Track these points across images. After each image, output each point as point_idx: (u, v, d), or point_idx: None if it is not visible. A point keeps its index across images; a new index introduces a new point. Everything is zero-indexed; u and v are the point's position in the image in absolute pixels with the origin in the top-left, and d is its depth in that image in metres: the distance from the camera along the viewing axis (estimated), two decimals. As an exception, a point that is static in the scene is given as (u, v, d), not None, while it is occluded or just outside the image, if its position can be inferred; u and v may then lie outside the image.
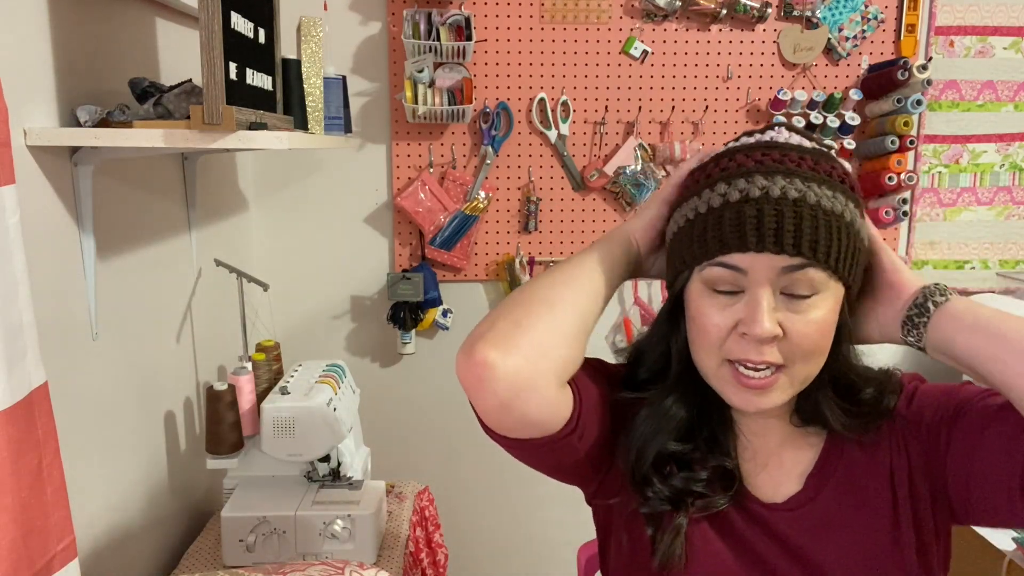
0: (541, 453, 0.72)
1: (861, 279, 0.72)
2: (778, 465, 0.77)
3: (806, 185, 0.65)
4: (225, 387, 1.36)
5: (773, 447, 0.78)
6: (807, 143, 0.70)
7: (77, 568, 0.96)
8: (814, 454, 0.77)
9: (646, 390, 0.78)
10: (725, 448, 0.77)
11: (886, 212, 1.93)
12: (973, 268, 2.12)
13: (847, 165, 0.71)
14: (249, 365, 1.46)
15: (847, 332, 0.72)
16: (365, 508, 1.38)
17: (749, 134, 0.73)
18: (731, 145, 0.73)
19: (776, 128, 0.71)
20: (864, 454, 0.75)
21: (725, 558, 0.74)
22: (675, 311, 0.75)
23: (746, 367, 0.68)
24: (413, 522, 1.58)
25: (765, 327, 0.65)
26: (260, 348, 1.56)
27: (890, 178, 1.91)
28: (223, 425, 1.35)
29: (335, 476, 1.46)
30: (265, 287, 1.55)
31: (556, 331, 0.69)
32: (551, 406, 0.68)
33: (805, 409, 0.76)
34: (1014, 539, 1.37)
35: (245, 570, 0.98)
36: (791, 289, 0.66)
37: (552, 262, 2.00)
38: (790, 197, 0.65)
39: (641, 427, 0.77)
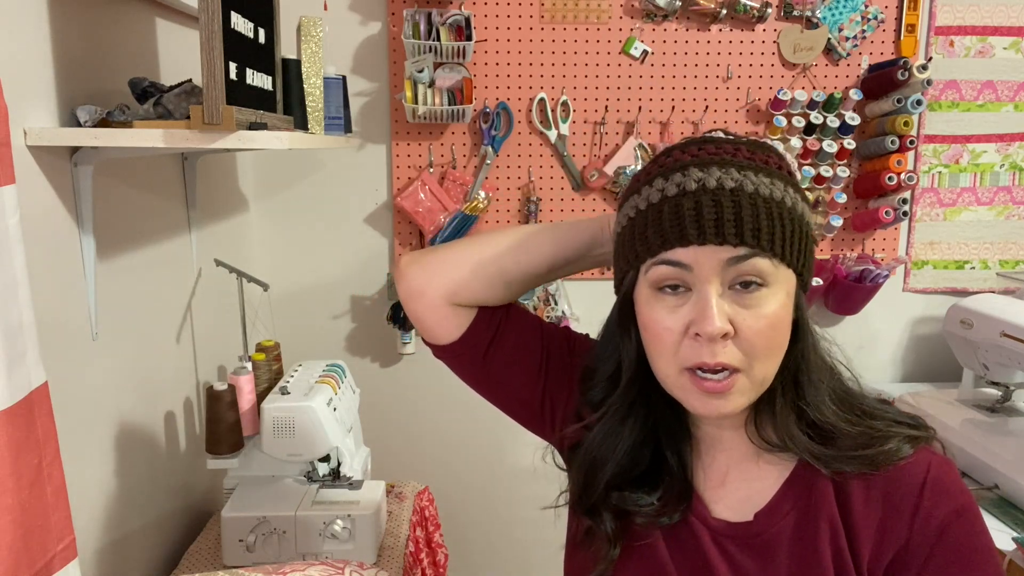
0: (452, 363, 0.86)
1: (813, 270, 0.71)
2: (739, 483, 0.75)
3: (742, 174, 0.65)
4: (225, 387, 1.36)
5: (733, 463, 0.75)
6: (743, 139, 0.70)
7: (77, 568, 0.96)
8: (778, 479, 0.73)
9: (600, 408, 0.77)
10: (683, 460, 0.76)
11: (886, 212, 1.93)
12: (973, 268, 2.12)
13: (788, 156, 0.72)
14: (249, 365, 1.46)
15: (804, 328, 0.70)
16: (365, 508, 1.38)
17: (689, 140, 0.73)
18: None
19: (714, 132, 0.72)
20: (835, 492, 0.71)
21: (666, 571, 0.74)
22: (624, 317, 0.73)
23: (704, 371, 0.66)
24: (413, 522, 1.58)
25: (716, 324, 0.63)
26: (260, 348, 1.56)
27: (890, 178, 1.91)
28: (223, 425, 1.35)
29: (335, 476, 1.46)
30: (265, 287, 1.55)
31: (460, 260, 0.82)
32: (438, 315, 0.82)
33: (766, 427, 0.73)
34: (1014, 539, 1.37)
35: (245, 570, 0.97)
36: (739, 282, 0.65)
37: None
38: (727, 187, 0.64)
39: (590, 452, 0.77)
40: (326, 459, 1.46)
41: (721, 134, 0.71)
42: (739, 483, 0.75)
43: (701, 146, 0.68)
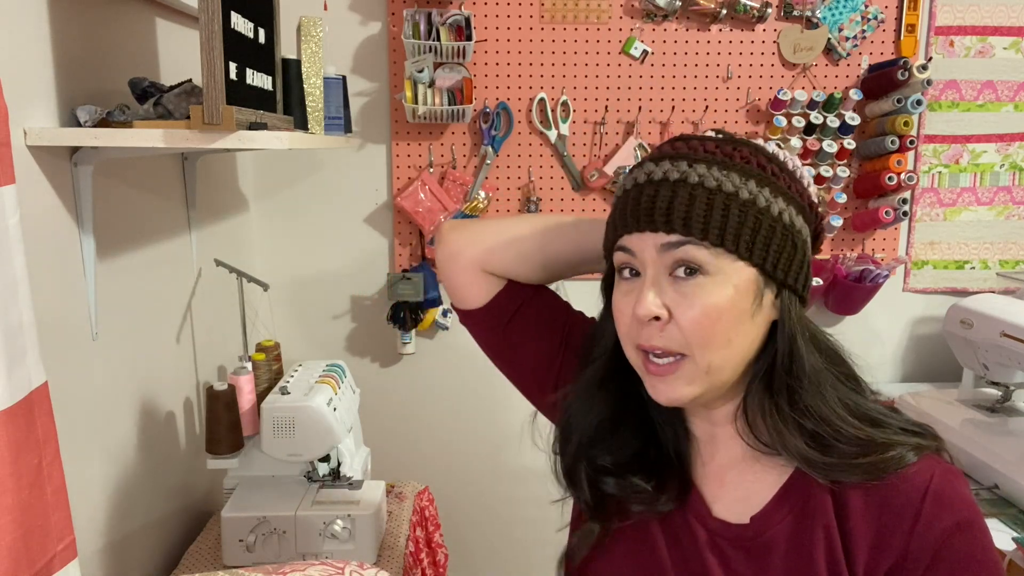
0: (475, 329, 0.90)
1: (793, 269, 0.68)
2: (737, 483, 0.75)
3: (691, 167, 0.67)
4: (225, 387, 1.36)
5: (731, 462, 0.75)
6: (722, 137, 0.71)
7: (77, 568, 0.96)
8: (776, 483, 0.73)
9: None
10: (680, 453, 0.77)
11: (886, 212, 1.93)
12: (973, 268, 2.12)
13: (769, 150, 0.70)
14: (249, 365, 1.46)
15: (791, 329, 0.68)
16: (365, 508, 1.38)
17: None
18: None
19: (707, 132, 0.74)
20: (833, 498, 0.70)
21: (662, 565, 0.74)
22: (608, 298, 0.77)
23: (653, 354, 0.68)
24: (413, 522, 1.58)
25: (643, 307, 0.66)
26: (260, 348, 1.56)
27: (890, 178, 1.91)
28: (223, 425, 1.35)
29: (335, 476, 1.46)
30: (265, 287, 1.55)
31: (497, 231, 0.86)
32: (468, 278, 0.86)
33: (758, 427, 0.72)
34: (1014, 539, 1.37)
35: (245, 570, 0.97)
36: (680, 269, 0.66)
37: (552, 262, 2.00)
38: (670, 178, 0.67)
39: (566, 416, 0.80)
40: (326, 459, 1.46)
41: (711, 132, 0.72)
42: (737, 483, 0.75)
43: (674, 143, 0.71)
